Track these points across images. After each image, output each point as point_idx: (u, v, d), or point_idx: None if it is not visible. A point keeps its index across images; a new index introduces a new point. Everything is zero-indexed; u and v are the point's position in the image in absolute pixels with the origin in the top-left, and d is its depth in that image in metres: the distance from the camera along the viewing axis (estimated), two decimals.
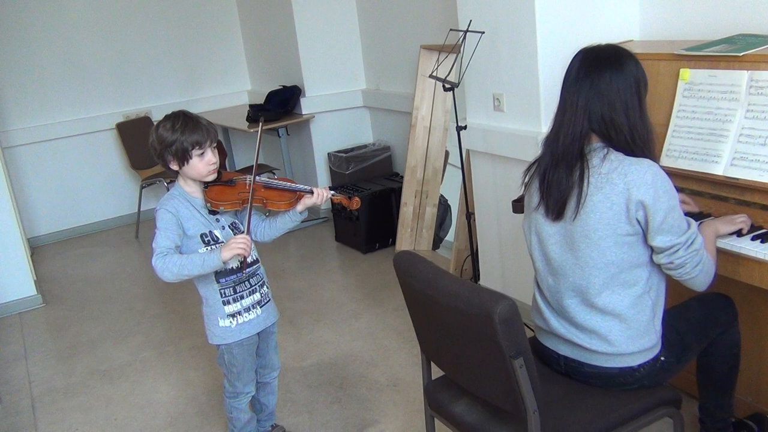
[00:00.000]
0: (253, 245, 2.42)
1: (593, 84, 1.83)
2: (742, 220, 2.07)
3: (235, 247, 2.20)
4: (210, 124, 2.28)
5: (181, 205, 2.27)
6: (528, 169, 2.02)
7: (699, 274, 1.84)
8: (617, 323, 1.88)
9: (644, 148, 1.85)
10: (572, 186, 1.85)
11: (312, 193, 2.35)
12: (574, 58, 1.90)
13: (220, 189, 2.31)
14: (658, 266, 1.87)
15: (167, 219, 2.24)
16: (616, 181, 1.79)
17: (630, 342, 1.88)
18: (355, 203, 2.41)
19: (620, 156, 1.83)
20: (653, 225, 1.79)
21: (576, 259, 1.88)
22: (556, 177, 1.88)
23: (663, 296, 1.94)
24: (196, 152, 2.22)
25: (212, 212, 2.31)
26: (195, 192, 2.31)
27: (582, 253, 1.86)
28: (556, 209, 1.89)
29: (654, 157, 1.88)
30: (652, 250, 1.85)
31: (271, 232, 2.43)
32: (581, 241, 1.86)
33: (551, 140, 1.92)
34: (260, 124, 2.51)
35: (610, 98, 1.82)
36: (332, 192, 2.40)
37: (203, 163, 2.25)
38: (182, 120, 2.22)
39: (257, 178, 2.33)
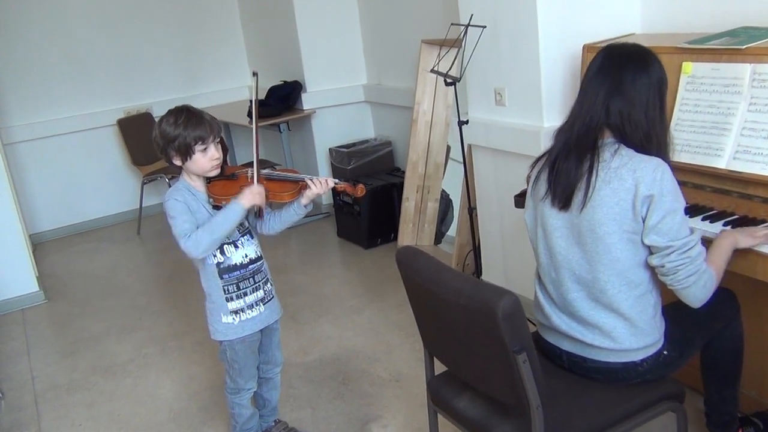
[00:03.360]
0: (257, 242, 2.42)
1: (615, 79, 1.83)
2: (765, 233, 1.97)
3: (253, 197, 2.23)
4: (213, 120, 2.27)
5: (188, 197, 2.27)
6: (535, 162, 2.02)
7: (692, 286, 1.80)
8: (621, 321, 1.87)
9: (659, 148, 1.84)
10: (581, 177, 1.84)
11: (314, 183, 2.33)
12: (597, 54, 1.91)
13: (223, 184, 2.31)
14: None
15: (179, 207, 2.23)
16: (625, 177, 1.79)
17: (633, 339, 1.88)
18: (360, 190, 2.39)
19: (631, 152, 1.82)
20: (649, 222, 1.78)
21: (583, 253, 1.88)
22: (566, 166, 1.87)
23: (661, 293, 1.93)
24: (198, 148, 2.21)
25: (216, 207, 2.31)
26: (199, 186, 2.31)
27: (588, 248, 1.86)
28: (563, 198, 1.89)
29: (667, 156, 1.86)
30: (649, 250, 1.83)
31: (276, 225, 2.43)
32: (587, 234, 1.85)
33: (566, 130, 1.92)
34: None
35: (630, 95, 1.82)
36: (336, 180, 2.38)
37: (206, 159, 2.24)
38: (185, 115, 2.21)
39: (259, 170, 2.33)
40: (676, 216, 1.78)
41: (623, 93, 1.82)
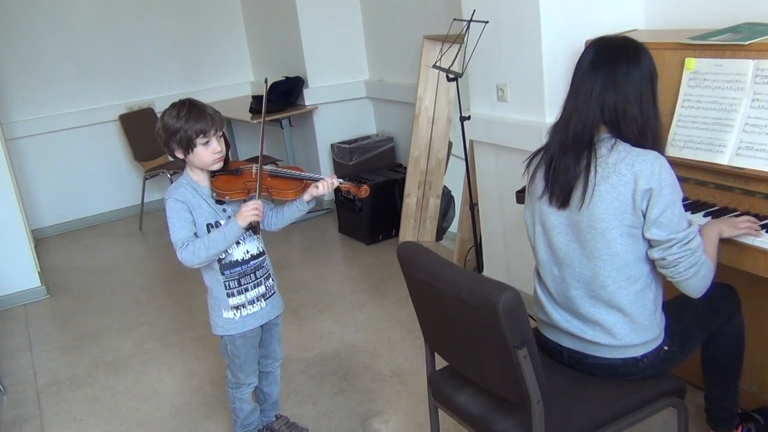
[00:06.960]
0: (260, 237, 2.41)
1: (609, 74, 1.82)
2: (746, 225, 1.99)
3: (249, 215, 2.21)
4: (216, 113, 2.26)
5: (189, 194, 2.27)
6: (531, 158, 2.02)
7: (693, 277, 1.81)
8: (621, 317, 1.87)
9: (653, 141, 1.85)
10: (579, 174, 1.84)
11: (318, 182, 2.32)
12: (587, 47, 1.90)
13: (227, 178, 2.31)
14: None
15: (178, 208, 2.24)
16: (624, 172, 1.79)
17: (634, 335, 1.88)
18: (364, 191, 2.36)
19: (628, 147, 1.82)
20: (650, 216, 1.78)
21: (582, 250, 1.88)
22: (564, 164, 1.87)
23: (662, 288, 1.93)
24: (200, 141, 2.21)
25: (219, 202, 2.31)
26: (202, 181, 2.31)
27: (588, 244, 1.86)
28: (561, 196, 1.88)
29: (662, 149, 1.87)
30: (649, 244, 1.83)
31: (278, 222, 2.42)
32: (587, 231, 1.85)
33: (561, 127, 1.91)
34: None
35: (625, 90, 1.82)
36: (340, 180, 2.35)
37: (208, 152, 2.24)
38: (187, 108, 2.21)
39: (263, 167, 2.32)
40: (675, 208, 1.78)
41: (617, 88, 1.82)
